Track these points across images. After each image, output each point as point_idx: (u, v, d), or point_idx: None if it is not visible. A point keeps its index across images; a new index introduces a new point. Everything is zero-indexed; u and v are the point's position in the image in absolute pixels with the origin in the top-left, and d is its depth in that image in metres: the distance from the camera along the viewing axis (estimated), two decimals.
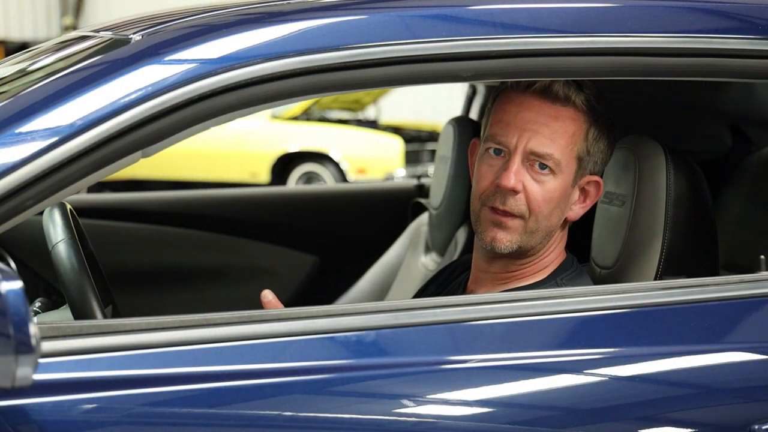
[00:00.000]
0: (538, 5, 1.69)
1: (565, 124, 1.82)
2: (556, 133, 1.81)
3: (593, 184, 1.88)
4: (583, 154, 1.84)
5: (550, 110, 1.82)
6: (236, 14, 1.66)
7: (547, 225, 1.84)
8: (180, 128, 1.53)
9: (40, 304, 2.06)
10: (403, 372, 1.54)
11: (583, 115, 1.83)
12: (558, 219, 1.85)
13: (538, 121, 1.81)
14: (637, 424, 1.59)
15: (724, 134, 2.74)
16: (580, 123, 1.83)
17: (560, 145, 1.81)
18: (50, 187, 1.46)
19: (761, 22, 1.74)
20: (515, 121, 1.82)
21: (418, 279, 2.84)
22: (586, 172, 1.86)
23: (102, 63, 1.58)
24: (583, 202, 1.88)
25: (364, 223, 3.58)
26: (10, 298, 1.27)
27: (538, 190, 1.81)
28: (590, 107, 1.83)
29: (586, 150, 1.84)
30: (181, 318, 1.50)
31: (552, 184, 1.81)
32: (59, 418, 1.42)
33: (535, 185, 1.81)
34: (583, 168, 1.85)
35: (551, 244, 1.88)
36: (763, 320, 1.68)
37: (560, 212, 1.85)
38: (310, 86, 1.57)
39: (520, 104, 1.83)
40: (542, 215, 1.82)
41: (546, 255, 1.89)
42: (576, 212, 1.88)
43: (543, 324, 1.61)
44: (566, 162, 1.82)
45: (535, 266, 1.89)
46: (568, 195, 1.85)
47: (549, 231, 1.85)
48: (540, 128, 1.81)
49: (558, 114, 1.82)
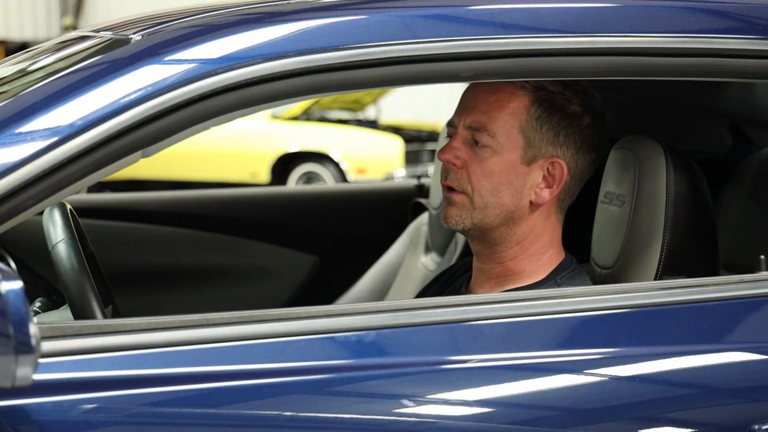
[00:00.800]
0: (538, 5, 1.69)
1: (501, 97, 1.85)
2: (492, 107, 1.85)
3: (557, 166, 1.86)
4: (530, 131, 1.84)
5: (488, 87, 1.87)
6: (236, 14, 1.66)
7: (496, 201, 1.85)
8: (180, 128, 1.53)
9: (40, 304, 2.06)
10: (403, 372, 1.54)
11: (523, 91, 1.85)
12: (512, 198, 1.85)
13: (477, 97, 1.87)
14: (637, 424, 1.59)
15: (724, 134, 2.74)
16: (518, 97, 1.85)
17: (496, 118, 1.84)
18: (50, 187, 1.46)
19: (761, 22, 1.74)
20: (462, 102, 1.90)
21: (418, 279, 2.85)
22: (542, 152, 1.85)
23: (102, 63, 1.58)
24: (551, 186, 1.87)
25: (364, 223, 3.58)
26: (10, 298, 1.27)
27: (477, 165, 1.85)
28: (534, 85, 1.85)
29: (531, 126, 1.84)
30: (181, 318, 1.50)
31: (492, 159, 1.84)
32: (59, 418, 1.42)
33: (475, 160, 1.85)
34: (534, 147, 1.85)
35: (527, 230, 1.87)
36: (763, 320, 1.68)
37: (512, 191, 1.85)
38: (310, 86, 1.57)
39: (469, 87, 1.91)
40: (485, 189, 1.84)
41: (528, 244, 1.88)
42: (543, 197, 1.87)
43: (543, 324, 1.61)
44: (506, 136, 1.84)
45: (523, 259, 1.88)
46: (520, 173, 1.85)
47: (504, 210, 1.85)
48: (477, 104, 1.86)
49: (496, 89, 1.86)
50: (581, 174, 1.89)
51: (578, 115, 1.87)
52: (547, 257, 1.90)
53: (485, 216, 1.86)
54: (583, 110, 1.87)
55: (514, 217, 1.86)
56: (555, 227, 1.91)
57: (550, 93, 1.85)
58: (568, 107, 1.86)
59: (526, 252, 1.89)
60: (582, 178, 1.90)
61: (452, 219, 1.88)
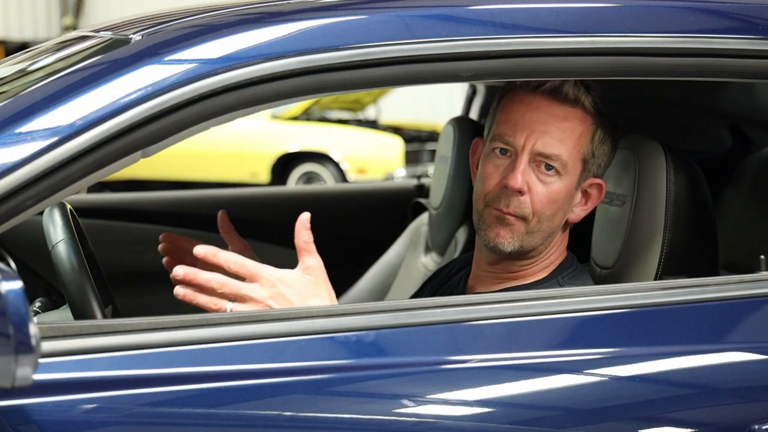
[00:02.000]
0: (538, 5, 1.69)
1: (573, 125, 1.82)
2: (564, 134, 1.81)
3: (595, 186, 1.88)
4: (588, 156, 1.84)
5: (559, 111, 1.81)
6: (236, 14, 1.66)
7: (549, 226, 1.84)
8: (180, 128, 1.53)
9: (40, 304, 2.06)
10: (403, 372, 1.54)
11: (590, 117, 1.83)
12: (560, 220, 1.85)
13: (547, 122, 1.81)
14: (637, 424, 1.59)
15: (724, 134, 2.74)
16: (587, 125, 1.83)
17: (568, 147, 1.81)
18: (50, 187, 1.46)
19: (761, 22, 1.74)
20: (523, 120, 1.82)
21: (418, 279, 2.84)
22: (590, 174, 1.86)
23: (102, 63, 1.58)
24: (585, 205, 1.88)
25: (364, 223, 3.58)
26: (10, 298, 1.27)
27: (543, 191, 1.81)
28: (597, 109, 1.84)
29: (591, 152, 1.84)
30: (181, 318, 1.50)
31: (557, 185, 1.81)
32: (59, 418, 1.42)
33: (540, 186, 1.81)
34: (587, 170, 1.85)
35: (553, 245, 1.88)
36: (763, 320, 1.68)
37: (563, 214, 1.85)
38: (310, 86, 1.57)
39: (529, 104, 1.82)
40: (545, 216, 1.82)
41: (547, 256, 1.89)
42: (577, 214, 1.88)
43: (543, 324, 1.61)
44: (572, 164, 1.82)
45: (537, 267, 1.89)
46: (571, 196, 1.85)
47: (551, 232, 1.85)
48: (548, 129, 1.80)
49: (567, 115, 1.82)
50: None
51: (617, 132, 1.88)
52: (550, 258, 1.90)
53: (534, 239, 1.83)
54: (616, 125, 1.88)
55: (553, 236, 1.87)
56: (567, 236, 1.92)
57: (606, 117, 1.84)
58: (615, 131, 1.87)
59: (543, 261, 1.89)
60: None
61: (505, 241, 1.82)
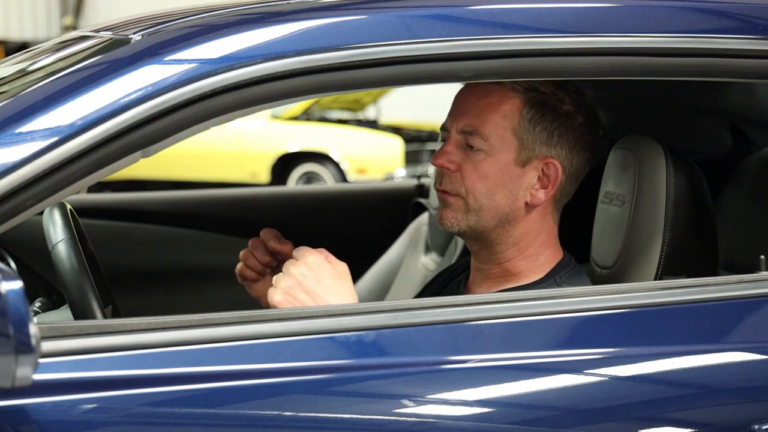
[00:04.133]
0: (538, 5, 1.69)
1: (492, 100, 1.85)
2: (483, 110, 1.85)
3: (551, 166, 1.86)
4: (523, 132, 1.84)
5: (479, 90, 1.87)
6: (236, 14, 1.66)
7: (490, 204, 1.85)
8: (180, 128, 1.53)
9: (40, 304, 2.06)
10: (403, 372, 1.54)
11: (513, 93, 1.85)
12: (507, 200, 1.85)
13: (469, 101, 1.87)
14: (637, 424, 1.59)
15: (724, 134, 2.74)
16: (509, 99, 1.85)
17: (488, 121, 1.84)
18: (50, 187, 1.46)
19: (761, 22, 1.74)
20: (454, 106, 1.91)
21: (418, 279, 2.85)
22: (535, 153, 1.85)
23: (102, 63, 1.58)
24: (546, 187, 1.87)
25: (364, 223, 3.58)
26: (10, 298, 1.27)
27: (471, 168, 1.85)
28: (525, 87, 1.85)
29: (525, 128, 1.84)
30: (181, 318, 1.50)
31: (486, 162, 1.84)
32: (59, 418, 1.42)
33: (468, 163, 1.85)
34: (527, 148, 1.85)
35: (524, 231, 1.87)
36: (763, 320, 1.68)
37: (507, 193, 1.85)
38: (310, 86, 1.57)
39: (462, 91, 1.91)
40: (479, 192, 1.84)
41: (525, 245, 1.87)
42: (538, 198, 1.87)
43: (543, 324, 1.61)
44: (499, 139, 1.84)
45: (521, 259, 1.88)
46: (514, 175, 1.84)
47: (500, 212, 1.85)
48: (469, 108, 1.86)
49: (487, 92, 1.86)
50: (576, 173, 1.89)
51: (571, 115, 1.87)
52: (544, 257, 1.90)
53: (480, 218, 1.86)
54: (575, 109, 1.87)
55: (509, 219, 1.86)
56: (551, 226, 1.91)
57: (541, 94, 1.85)
58: (560, 107, 1.86)
59: (524, 252, 1.89)
60: (577, 176, 1.90)
61: (447, 221, 1.88)
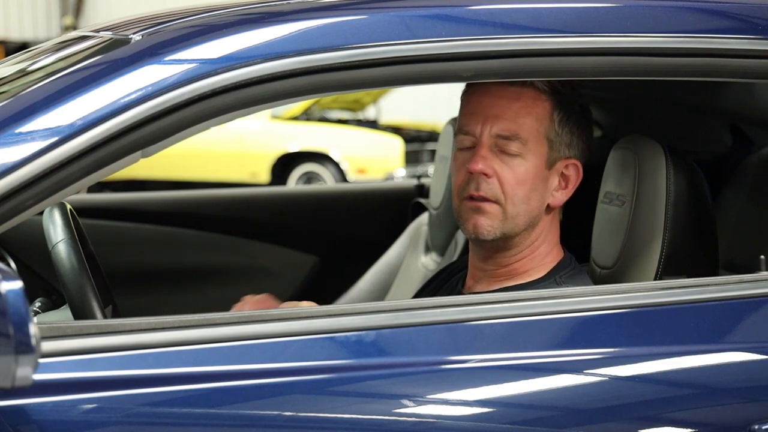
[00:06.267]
0: (538, 5, 1.69)
1: (526, 103, 1.84)
2: (518, 114, 1.83)
3: (572, 167, 1.88)
4: (552, 135, 1.85)
5: (510, 93, 1.84)
6: (236, 14, 1.66)
7: (526, 209, 1.84)
8: (180, 128, 1.53)
9: (40, 304, 2.06)
10: (403, 372, 1.54)
11: (544, 95, 1.85)
12: (538, 203, 1.86)
13: (500, 105, 1.84)
14: (637, 424, 1.59)
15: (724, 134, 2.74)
16: (542, 102, 1.84)
17: (524, 125, 1.83)
18: (50, 187, 1.46)
19: (761, 22, 1.74)
20: (478, 108, 1.86)
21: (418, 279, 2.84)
22: (560, 155, 1.86)
23: (102, 63, 1.58)
24: (565, 188, 1.88)
25: (364, 223, 3.58)
26: (10, 298, 1.27)
27: (510, 174, 1.83)
28: (552, 88, 1.85)
29: (554, 131, 1.85)
30: (181, 318, 1.50)
31: (523, 166, 1.83)
32: (59, 418, 1.42)
33: (506, 169, 1.83)
34: (555, 150, 1.86)
35: (539, 233, 1.88)
36: (763, 320, 1.68)
37: (539, 196, 1.85)
38: (310, 86, 1.57)
39: (482, 92, 1.87)
40: (518, 198, 1.83)
41: (536, 246, 1.88)
42: (558, 198, 1.88)
43: (543, 324, 1.61)
44: (534, 142, 1.83)
45: (528, 259, 1.89)
46: (543, 178, 1.85)
47: (531, 216, 1.85)
48: (502, 111, 1.84)
49: (519, 95, 1.84)
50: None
51: (582, 115, 1.89)
52: (549, 256, 1.90)
53: (515, 225, 1.85)
54: (582, 108, 1.89)
55: (534, 222, 1.87)
56: (557, 226, 1.92)
57: (564, 96, 1.86)
58: (575, 108, 1.88)
59: (534, 253, 1.89)
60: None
61: (484, 229, 1.84)
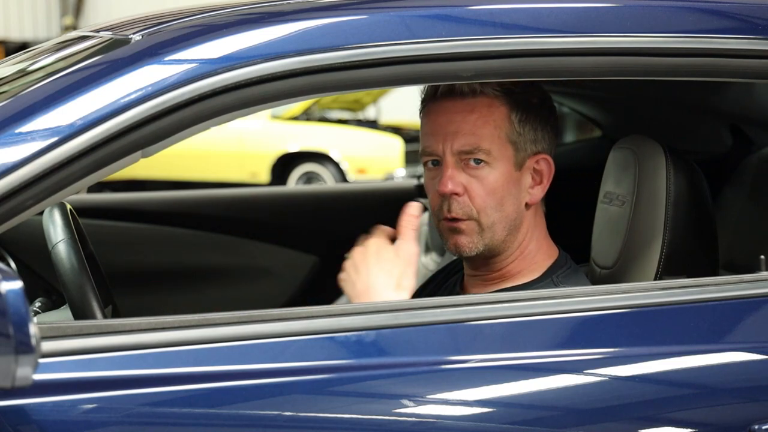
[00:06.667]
0: (538, 5, 1.69)
1: (482, 113, 1.82)
2: (476, 125, 1.82)
3: (543, 161, 1.86)
4: (514, 137, 1.83)
5: (463, 106, 1.83)
6: (236, 14, 1.66)
7: (501, 216, 1.83)
8: (180, 128, 1.53)
9: (40, 304, 2.06)
10: (403, 372, 1.54)
11: (497, 101, 1.83)
12: (514, 207, 1.85)
13: (455, 120, 1.83)
14: (637, 424, 1.59)
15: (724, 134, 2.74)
16: (497, 108, 1.83)
17: (484, 135, 1.82)
18: (50, 187, 1.46)
19: (761, 22, 1.74)
20: (435, 128, 1.85)
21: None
22: (527, 153, 1.85)
23: (102, 63, 1.58)
24: (540, 183, 1.87)
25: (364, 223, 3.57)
26: (10, 298, 1.27)
27: (479, 186, 1.82)
28: (504, 91, 1.83)
29: (516, 131, 1.84)
30: (181, 318, 1.50)
31: (492, 175, 1.82)
32: (59, 418, 1.42)
33: (474, 182, 1.82)
34: (521, 150, 1.84)
35: (525, 233, 1.87)
36: (763, 320, 1.68)
37: (513, 200, 1.84)
38: (310, 86, 1.57)
39: (437, 111, 1.85)
40: (490, 208, 1.82)
41: (525, 246, 1.88)
42: (536, 195, 1.87)
43: (543, 324, 1.61)
44: (498, 148, 1.82)
45: (520, 260, 1.88)
46: (515, 180, 1.84)
47: (509, 221, 1.84)
48: (459, 126, 1.82)
49: (472, 107, 1.83)
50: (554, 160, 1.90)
51: (543, 106, 1.87)
52: (540, 255, 1.90)
53: (494, 234, 1.84)
54: (542, 100, 1.87)
55: (516, 225, 1.86)
56: (542, 220, 1.91)
57: (519, 94, 1.84)
58: (533, 102, 1.86)
59: (523, 253, 1.89)
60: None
61: (464, 247, 1.84)
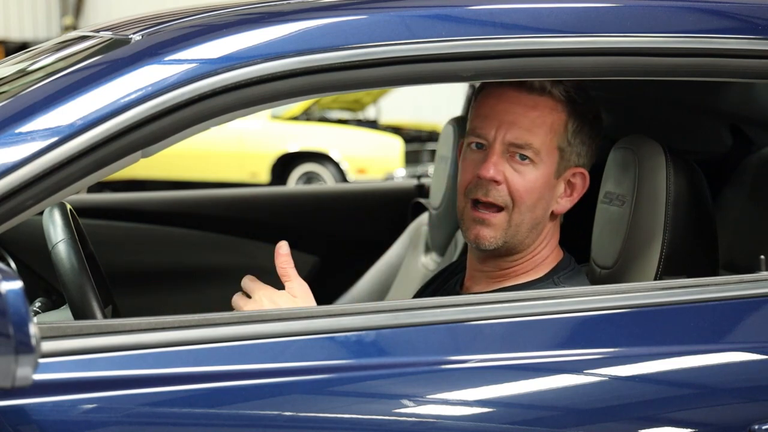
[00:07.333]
0: (538, 5, 1.69)
1: (543, 113, 1.82)
2: (534, 123, 1.82)
3: (579, 176, 1.87)
4: (564, 145, 1.84)
5: (526, 100, 1.83)
6: (236, 14, 1.66)
7: (531, 217, 1.84)
8: (180, 128, 1.53)
9: (40, 304, 2.06)
10: (403, 372, 1.54)
11: (561, 105, 1.84)
12: (543, 211, 1.85)
13: (516, 112, 1.82)
14: (637, 424, 1.59)
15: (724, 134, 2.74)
16: (558, 113, 1.83)
17: (539, 135, 1.82)
18: (50, 187, 1.46)
19: (761, 22, 1.74)
20: (493, 113, 1.84)
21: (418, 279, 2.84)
22: (570, 164, 1.86)
23: (102, 63, 1.58)
24: (570, 195, 1.88)
25: (364, 223, 3.58)
26: (10, 298, 1.27)
27: (519, 181, 1.81)
28: (569, 98, 1.84)
29: (567, 141, 1.84)
30: (181, 318, 1.50)
31: (533, 174, 1.82)
32: (59, 418, 1.42)
33: (516, 176, 1.82)
34: (565, 159, 1.85)
35: (542, 239, 1.88)
36: (763, 320, 1.68)
37: (545, 204, 1.85)
38: (310, 86, 1.57)
39: (498, 96, 1.85)
40: (525, 206, 1.82)
41: (538, 251, 1.88)
42: (563, 205, 1.88)
43: (543, 324, 1.61)
44: (546, 152, 1.82)
45: (529, 263, 1.89)
46: (551, 186, 1.85)
47: (535, 224, 1.85)
48: (518, 119, 1.82)
49: (536, 104, 1.83)
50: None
51: (596, 122, 1.88)
52: (549, 258, 1.90)
53: (518, 233, 1.84)
54: (596, 117, 1.88)
55: (539, 229, 1.86)
56: (558, 231, 1.92)
57: (580, 105, 1.85)
58: (590, 117, 1.87)
59: (534, 257, 1.89)
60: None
61: (486, 240, 1.84)
